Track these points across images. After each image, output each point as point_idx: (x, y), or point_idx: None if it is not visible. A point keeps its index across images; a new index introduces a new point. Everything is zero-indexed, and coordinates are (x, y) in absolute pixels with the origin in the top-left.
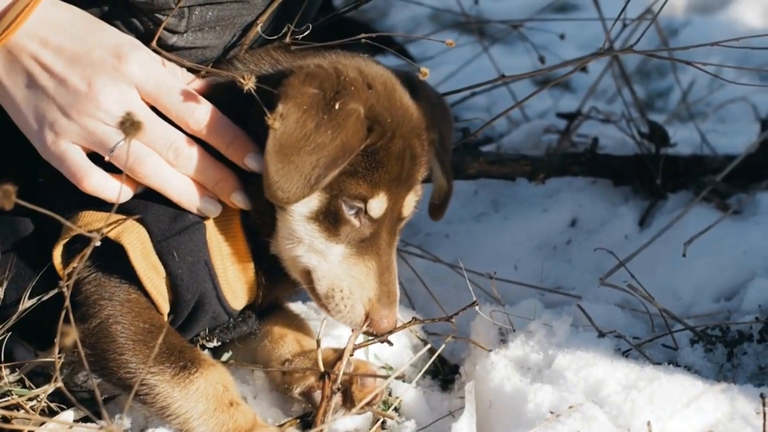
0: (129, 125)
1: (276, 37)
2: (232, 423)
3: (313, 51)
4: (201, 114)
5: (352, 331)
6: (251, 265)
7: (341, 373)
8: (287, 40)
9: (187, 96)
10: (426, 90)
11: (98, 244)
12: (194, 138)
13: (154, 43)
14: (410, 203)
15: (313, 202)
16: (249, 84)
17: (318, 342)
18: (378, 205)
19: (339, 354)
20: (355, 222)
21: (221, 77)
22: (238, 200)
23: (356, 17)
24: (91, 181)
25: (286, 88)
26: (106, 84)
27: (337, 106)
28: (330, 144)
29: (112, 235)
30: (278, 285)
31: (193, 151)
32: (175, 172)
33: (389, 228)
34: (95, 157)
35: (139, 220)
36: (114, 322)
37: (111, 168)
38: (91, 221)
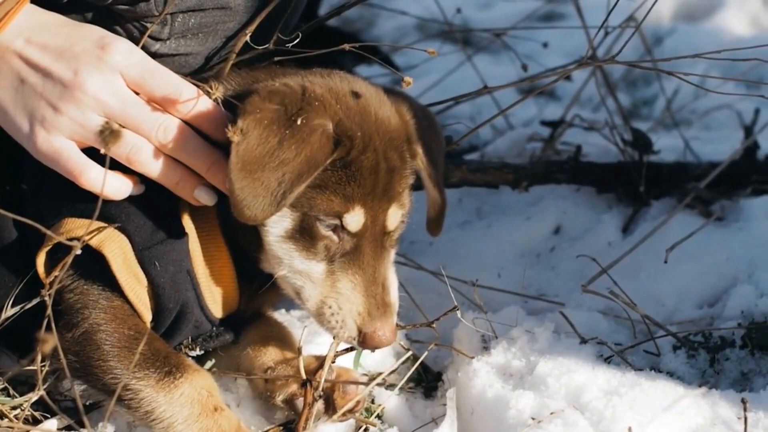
0: (108, 134)
1: (264, 46)
2: (216, 428)
3: (295, 70)
4: (187, 94)
5: (333, 338)
6: (234, 274)
7: (323, 380)
8: (270, 46)
9: (173, 80)
10: (409, 104)
11: (79, 252)
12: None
13: None
14: (394, 216)
15: (286, 221)
16: (216, 94)
17: (299, 349)
18: (354, 219)
19: (321, 361)
20: (334, 238)
21: None
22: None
23: (343, 28)
24: (89, 176)
25: (246, 104)
26: (92, 72)
27: (299, 122)
28: (294, 159)
29: (93, 244)
30: (262, 294)
31: (182, 133)
32: (170, 161)
33: (373, 241)
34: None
35: (121, 229)
36: (98, 330)
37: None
38: (72, 228)
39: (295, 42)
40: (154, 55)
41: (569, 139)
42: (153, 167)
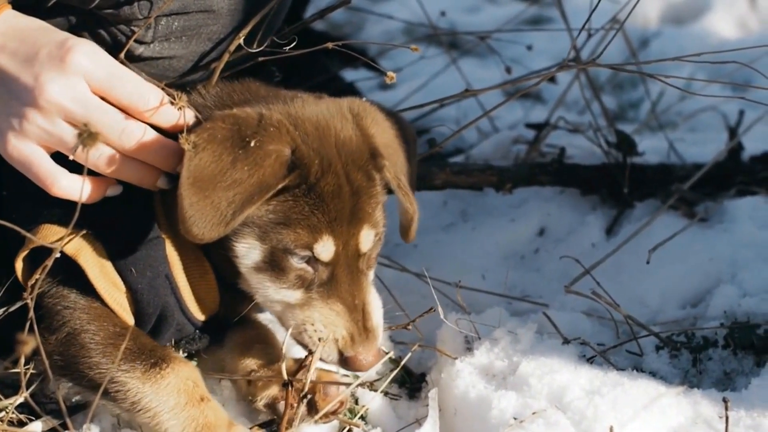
0: (86, 136)
1: (257, 50)
2: (203, 418)
3: (266, 89)
4: (154, 101)
5: (319, 340)
6: (213, 277)
7: (308, 381)
8: (254, 48)
9: (140, 86)
10: (376, 113)
11: (58, 255)
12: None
13: (122, 55)
14: (366, 238)
15: (255, 253)
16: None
17: (282, 351)
18: (324, 248)
19: (302, 363)
20: (309, 269)
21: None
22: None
23: (331, 32)
24: (61, 185)
25: (205, 123)
26: (53, 77)
27: (252, 144)
28: (247, 181)
29: (69, 253)
30: (243, 301)
31: (144, 135)
32: (133, 161)
33: (348, 266)
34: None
35: (95, 237)
36: (82, 331)
37: (75, 165)
38: (49, 235)
39: (291, 45)
40: (139, 58)
41: (554, 142)
42: (117, 169)
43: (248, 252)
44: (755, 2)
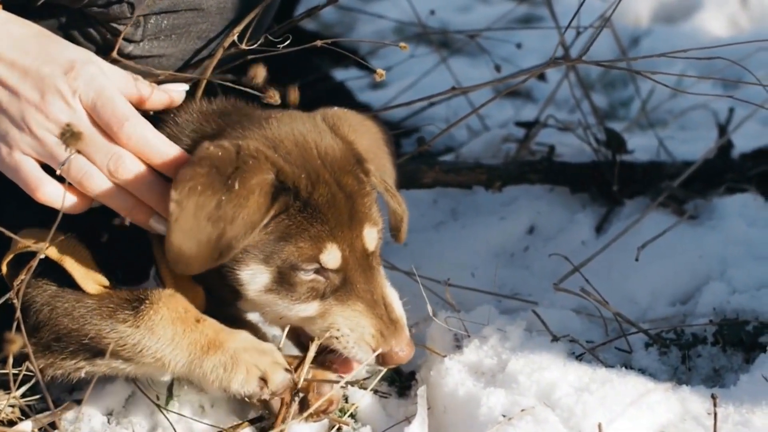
0: (69, 136)
1: (247, 49)
2: (204, 338)
3: (247, 112)
4: (130, 127)
5: (312, 340)
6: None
7: (302, 379)
8: (243, 46)
9: (121, 110)
10: (350, 119)
11: (43, 256)
12: None
13: (114, 54)
14: (370, 236)
15: (263, 277)
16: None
17: (280, 350)
18: (331, 257)
19: (299, 361)
20: (320, 278)
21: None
22: None
23: (322, 32)
24: (45, 191)
25: (179, 174)
26: (55, 95)
27: (236, 186)
28: (232, 222)
29: (54, 257)
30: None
31: (133, 165)
32: (121, 190)
33: (359, 267)
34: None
35: (81, 240)
36: (73, 308)
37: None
38: (33, 238)
39: (283, 44)
40: (128, 57)
41: (544, 140)
42: (104, 194)
43: (253, 277)
44: (746, 0)
